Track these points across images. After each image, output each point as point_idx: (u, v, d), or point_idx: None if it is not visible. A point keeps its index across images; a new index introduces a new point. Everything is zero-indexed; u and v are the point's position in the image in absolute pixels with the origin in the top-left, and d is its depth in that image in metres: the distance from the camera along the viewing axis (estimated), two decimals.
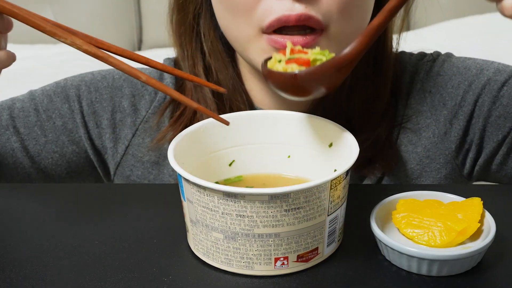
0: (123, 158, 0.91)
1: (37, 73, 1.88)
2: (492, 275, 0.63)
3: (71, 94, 0.91)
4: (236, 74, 0.88)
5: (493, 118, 0.86)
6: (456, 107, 0.87)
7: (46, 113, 0.90)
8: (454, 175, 0.89)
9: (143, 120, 0.91)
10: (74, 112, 0.90)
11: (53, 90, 0.92)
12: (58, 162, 0.91)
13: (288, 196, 0.60)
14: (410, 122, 0.88)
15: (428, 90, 0.89)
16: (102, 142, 0.91)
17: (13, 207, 0.76)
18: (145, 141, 0.90)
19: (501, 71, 0.87)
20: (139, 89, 0.92)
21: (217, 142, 0.73)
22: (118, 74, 0.93)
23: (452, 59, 0.90)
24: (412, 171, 0.88)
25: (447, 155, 0.88)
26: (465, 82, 0.87)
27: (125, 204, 0.76)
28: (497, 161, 0.88)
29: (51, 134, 0.90)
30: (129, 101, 0.91)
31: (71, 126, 0.90)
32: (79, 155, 0.91)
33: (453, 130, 0.87)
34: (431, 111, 0.88)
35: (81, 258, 0.66)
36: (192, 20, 0.87)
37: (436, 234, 0.64)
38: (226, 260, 0.63)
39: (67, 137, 0.90)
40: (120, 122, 0.91)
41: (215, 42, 0.87)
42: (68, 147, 0.91)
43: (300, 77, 0.66)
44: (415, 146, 0.88)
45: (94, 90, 0.91)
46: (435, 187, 0.84)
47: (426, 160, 0.88)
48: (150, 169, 0.90)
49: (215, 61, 0.87)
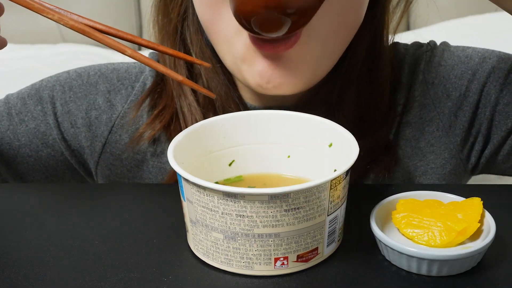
0: (101, 157, 0.89)
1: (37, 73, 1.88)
2: (492, 275, 0.63)
3: (44, 95, 0.89)
4: (227, 80, 0.85)
5: (501, 106, 0.84)
6: (461, 97, 0.86)
7: (19, 116, 0.88)
8: (459, 171, 0.88)
9: (119, 116, 0.89)
10: (47, 114, 0.88)
11: (28, 93, 0.90)
12: (35, 167, 0.89)
13: (288, 196, 0.60)
14: (413, 116, 0.87)
15: (430, 82, 0.87)
16: (79, 142, 0.89)
17: (13, 207, 0.76)
18: (123, 137, 0.88)
19: (504, 59, 0.86)
20: (115, 84, 0.90)
21: (217, 142, 0.73)
22: (94, 70, 0.91)
23: (451, 48, 0.89)
24: (416, 168, 0.87)
25: (452, 150, 0.86)
26: (468, 71, 0.86)
27: (125, 204, 0.76)
28: (505, 151, 0.86)
29: (24, 138, 0.88)
30: (104, 97, 0.89)
31: (44, 129, 0.88)
32: (56, 158, 0.89)
33: (458, 122, 0.86)
34: (435, 103, 0.86)
35: (81, 258, 0.66)
36: (177, 25, 0.85)
37: (436, 234, 0.64)
38: (226, 260, 0.63)
39: (40, 140, 0.88)
40: (95, 120, 0.89)
41: (204, 47, 0.84)
42: (42, 151, 0.89)
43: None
44: (418, 141, 0.86)
45: (68, 89, 0.89)
46: (435, 187, 0.84)
47: (430, 155, 0.86)
48: (129, 166, 0.89)
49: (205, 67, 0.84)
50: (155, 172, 0.89)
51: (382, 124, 0.86)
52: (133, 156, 0.88)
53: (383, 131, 0.86)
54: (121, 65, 0.92)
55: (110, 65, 0.92)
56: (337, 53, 0.79)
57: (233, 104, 0.85)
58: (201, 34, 0.84)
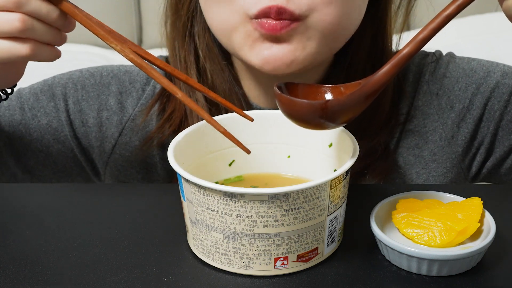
0: (110, 158, 0.90)
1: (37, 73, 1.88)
2: (492, 275, 0.63)
3: (57, 92, 0.90)
4: (232, 77, 0.87)
5: (505, 122, 0.85)
6: (464, 110, 0.86)
7: (32, 111, 0.89)
8: (460, 179, 0.88)
9: (129, 119, 0.90)
10: (59, 110, 0.89)
11: (40, 89, 0.91)
12: (44, 162, 0.90)
13: (288, 196, 0.60)
14: (416, 125, 0.87)
15: (435, 93, 0.88)
16: (89, 141, 0.90)
17: (13, 207, 0.76)
18: (133, 139, 0.89)
19: (509, 74, 0.86)
20: (127, 87, 0.90)
21: (217, 142, 0.73)
22: (107, 71, 0.92)
23: (456, 60, 0.89)
24: (418, 175, 0.87)
25: (454, 159, 0.87)
26: (472, 85, 0.87)
27: (125, 204, 0.76)
28: (507, 165, 0.87)
29: (35, 133, 0.89)
30: (116, 98, 0.90)
31: (56, 125, 0.89)
32: (65, 155, 0.90)
33: (461, 133, 0.87)
34: (438, 114, 0.87)
35: (81, 258, 0.66)
36: (186, 22, 0.86)
37: (436, 234, 0.64)
38: (226, 260, 0.63)
39: (52, 136, 0.89)
40: (106, 121, 0.90)
41: (210, 44, 0.86)
42: (53, 146, 0.89)
43: (330, 106, 0.62)
44: (421, 150, 0.87)
45: (81, 88, 0.90)
46: (435, 187, 0.84)
47: (432, 164, 0.87)
48: (138, 168, 0.89)
49: (211, 64, 0.86)
50: (163, 175, 0.89)
51: (382, 129, 0.86)
52: (143, 159, 0.89)
53: (382, 136, 0.86)
54: (133, 68, 0.92)
55: (123, 67, 0.93)
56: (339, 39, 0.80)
57: (236, 101, 0.86)
58: (208, 31, 0.85)
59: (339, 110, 0.62)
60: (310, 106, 0.62)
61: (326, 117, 0.62)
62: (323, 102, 0.62)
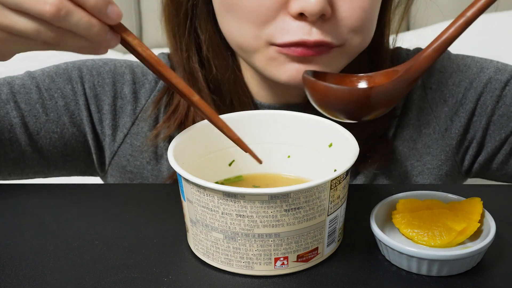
0: (120, 147, 0.90)
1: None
2: (492, 275, 0.63)
3: (73, 75, 0.89)
4: (236, 67, 0.87)
5: (496, 117, 0.87)
6: (457, 104, 0.88)
7: (48, 92, 0.88)
8: (454, 172, 0.90)
9: (142, 109, 0.90)
10: (77, 93, 0.89)
11: (54, 71, 0.90)
12: (56, 143, 0.89)
13: (288, 196, 0.60)
14: (411, 118, 0.89)
15: (428, 87, 0.89)
16: (102, 128, 0.90)
17: (13, 207, 0.76)
18: (144, 130, 0.90)
19: (502, 70, 0.88)
20: (140, 78, 0.91)
21: (217, 142, 0.73)
22: (120, 62, 0.92)
23: (451, 56, 0.91)
24: (413, 167, 0.88)
25: (448, 152, 0.88)
26: (466, 80, 0.88)
27: (125, 204, 0.76)
28: (499, 160, 0.88)
29: (52, 114, 0.88)
30: (130, 87, 0.90)
31: (73, 108, 0.89)
32: (78, 139, 0.90)
33: (454, 126, 0.88)
34: (432, 107, 0.88)
35: (81, 258, 0.66)
36: (188, 10, 0.84)
37: (436, 234, 0.64)
38: (226, 260, 0.63)
39: (69, 119, 0.89)
40: (120, 109, 0.90)
41: (213, 35, 0.85)
42: (68, 129, 0.89)
43: (375, 93, 0.58)
44: (415, 142, 0.88)
45: (97, 74, 0.90)
46: (435, 187, 0.84)
47: (427, 156, 0.88)
48: (148, 159, 0.90)
49: (214, 54, 0.85)
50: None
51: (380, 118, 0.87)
52: (153, 149, 0.89)
53: (381, 122, 0.87)
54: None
55: (134, 61, 0.93)
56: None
57: (240, 90, 0.86)
58: (211, 22, 0.85)
59: (383, 97, 0.60)
60: (353, 93, 0.60)
61: (368, 105, 0.59)
62: (368, 88, 0.59)
